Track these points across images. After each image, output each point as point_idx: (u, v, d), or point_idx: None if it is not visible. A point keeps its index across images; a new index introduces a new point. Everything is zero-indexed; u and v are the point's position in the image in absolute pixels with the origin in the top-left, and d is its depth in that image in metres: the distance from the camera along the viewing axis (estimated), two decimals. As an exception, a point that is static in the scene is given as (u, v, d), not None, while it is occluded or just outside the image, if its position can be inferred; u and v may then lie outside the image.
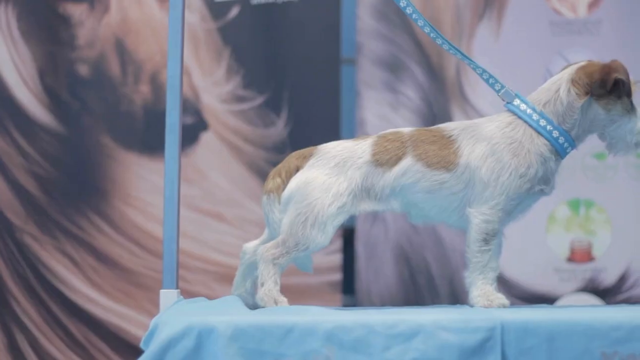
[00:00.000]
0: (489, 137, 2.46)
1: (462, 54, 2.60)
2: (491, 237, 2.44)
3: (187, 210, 4.17)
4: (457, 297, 4.05)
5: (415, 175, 2.47)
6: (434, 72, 4.24)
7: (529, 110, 2.47)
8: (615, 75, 2.42)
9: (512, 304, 2.74)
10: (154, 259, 4.16)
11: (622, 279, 4.08)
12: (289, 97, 4.21)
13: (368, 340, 2.15)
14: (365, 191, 2.48)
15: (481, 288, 2.45)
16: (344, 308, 2.56)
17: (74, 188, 4.24)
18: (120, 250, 4.24)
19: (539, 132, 2.45)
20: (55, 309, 4.23)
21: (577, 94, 2.45)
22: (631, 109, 2.47)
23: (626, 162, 4.13)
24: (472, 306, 2.42)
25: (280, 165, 2.56)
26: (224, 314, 2.27)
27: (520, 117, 2.47)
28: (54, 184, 4.25)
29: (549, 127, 2.45)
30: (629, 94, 2.45)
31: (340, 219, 2.48)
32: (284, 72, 4.21)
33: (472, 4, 4.23)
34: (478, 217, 2.44)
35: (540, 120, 2.45)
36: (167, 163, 2.57)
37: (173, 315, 2.28)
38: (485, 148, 2.44)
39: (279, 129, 4.21)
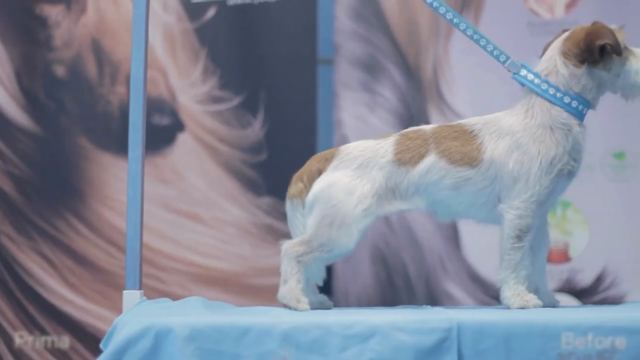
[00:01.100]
0: (511, 131, 2.44)
1: (466, 23, 2.58)
2: (524, 234, 2.41)
3: (163, 210, 4.17)
4: (433, 297, 4.05)
5: (439, 172, 2.44)
6: (411, 73, 4.24)
7: (536, 80, 2.46)
8: (599, 42, 2.42)
9: (488, 304, 2.74)
10: (131, 259, 4.17)
11: (599, 279, 4.07)
12: (266, 97, 4.20)
13: (325, 341, 2.14)
14: (390, 191, 2.45)
15: (514, 288, 2.42)
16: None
17: (51, 189, 4.25)
18: (97, 251, 4.24)
19: (551, 102, 2.44)
20: (32, 310, 4.23)
21: (573, 64, 2.44)
22: (629, 55, 2.46)
23: (603, 163, 4.13)
24: (508, 307, 2.39)
25: (302, 169, 2.53)
26: (182, 314, 2.28)
27: (529, 88, 2.46)
28: (30, 185, 4.25)
29: (558, 95, 2.43)
30: (618, 52, 2.44)
31: (366, 222, 2.43)
32: (260, 73, 4.21)
33: (449, 5, 4.20)
34: (511, 212, 2.42)
35: (550, 89, 2.44)
36: (131, 163, 2.57)
37: (132, 316, 2.28)
38: (510, 142, 2.43)
39: (256, 129, 4.20)
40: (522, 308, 2.38)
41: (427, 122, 2.51)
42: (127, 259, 2.57)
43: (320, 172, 2.49)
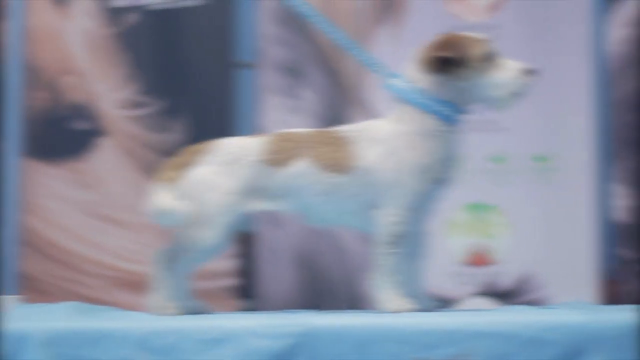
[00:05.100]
0: (385, 139, 2.45)
1: (339, 32, 2.59)
2: (399, 239, 2.43)
3: (85, 216, 4.17)
4: (357, 300, 4.05)
5: (309, 177, 2.45)
6: (334, 77, 4.24)
7: (407, 89, 2.46)
8: (435, 54, 2.42)
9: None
10: (54, 265, 4.15)
11: (521, 283, 4.08)
12: (187, 102, 4.21)
13: (179, 346, 2.16)
14: (257, 190, 2.47)
15: (388, 293, 2.44)
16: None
17: (-27, 194, 4.24)
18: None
19: (422, 109, 2.44)
20: (-47, 316, 4.23)
21: (429, 71, 2.45)
22: (491, 66, 2.45)
23: (525, 166, 4.13)
24: (382, 311, 2.40)
25: (175, 160, 2.57)
26: (46, 319, 2.29)
27: (399, 97, 2.47)
28: (-49, 191, 4.24)
29: (428, 102, 2.44)
30: (462, 64, 2.43)
31: (230, 218, 2.46)
32: (181, 78, 4.20)
33: (372, 9, 4.23)
34: (385, 219, 2.43)
35: (419, 97, 2.44)
36: (8, 170, 2.57)
37: (-4, 322, 2.28)
38: (383, 149, 2.43)
39: (177, 134, 4.21)
40: (396, 312, 2.38)
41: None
42: (6, 265, 2.58)
43: (191, 164, 2.50)
